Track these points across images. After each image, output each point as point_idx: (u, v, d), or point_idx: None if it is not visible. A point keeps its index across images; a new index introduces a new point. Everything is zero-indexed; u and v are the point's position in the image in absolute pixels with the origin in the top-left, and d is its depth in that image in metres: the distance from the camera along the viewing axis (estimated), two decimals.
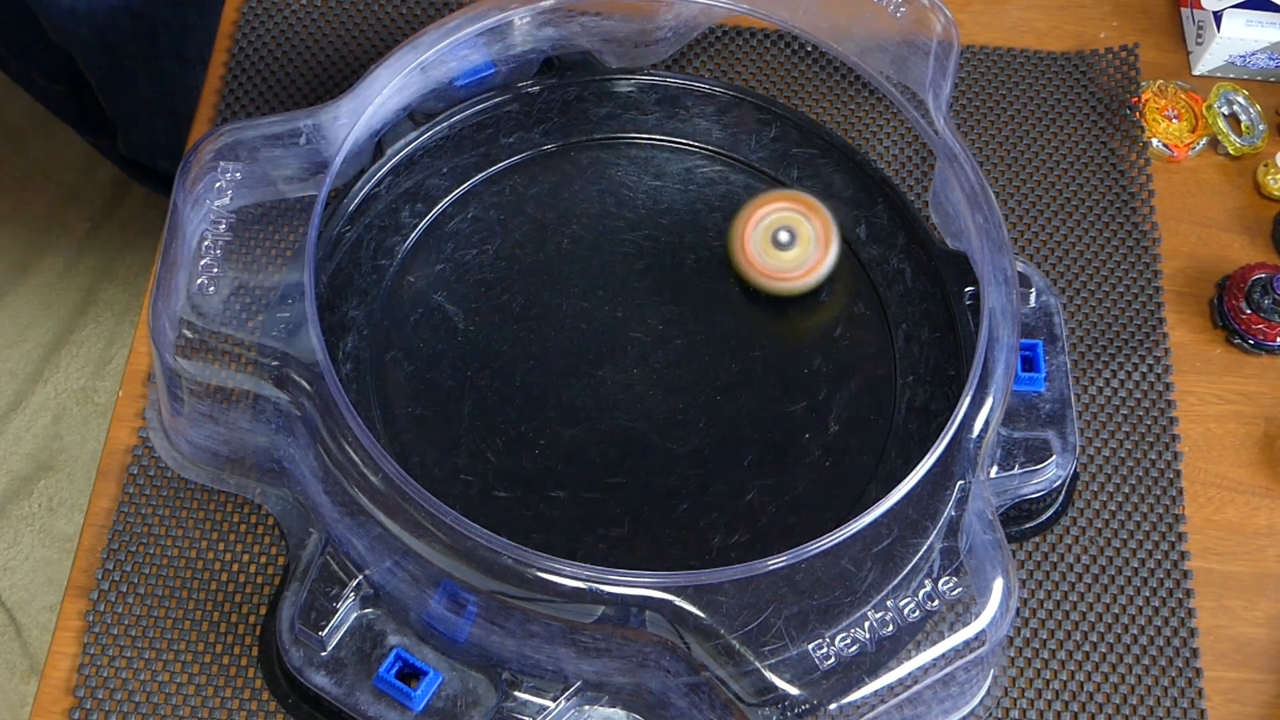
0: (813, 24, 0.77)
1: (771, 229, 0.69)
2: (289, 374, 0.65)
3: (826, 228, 0.70)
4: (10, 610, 1.30)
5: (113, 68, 1.26)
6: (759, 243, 0.69)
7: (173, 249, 0.65)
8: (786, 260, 0.69)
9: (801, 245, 0.69)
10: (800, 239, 0.69)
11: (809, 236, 0.69)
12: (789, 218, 0.69)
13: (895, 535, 0.63)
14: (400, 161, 0.75)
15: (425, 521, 0.60)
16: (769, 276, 0.70)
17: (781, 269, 0.69)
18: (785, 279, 0.70)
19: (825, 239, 0.70)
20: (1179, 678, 0.70)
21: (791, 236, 0.69)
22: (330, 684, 0.62)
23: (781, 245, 0.69)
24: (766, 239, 0.69)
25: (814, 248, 0.69)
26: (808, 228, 0.69)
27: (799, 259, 0.69)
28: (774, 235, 0.69)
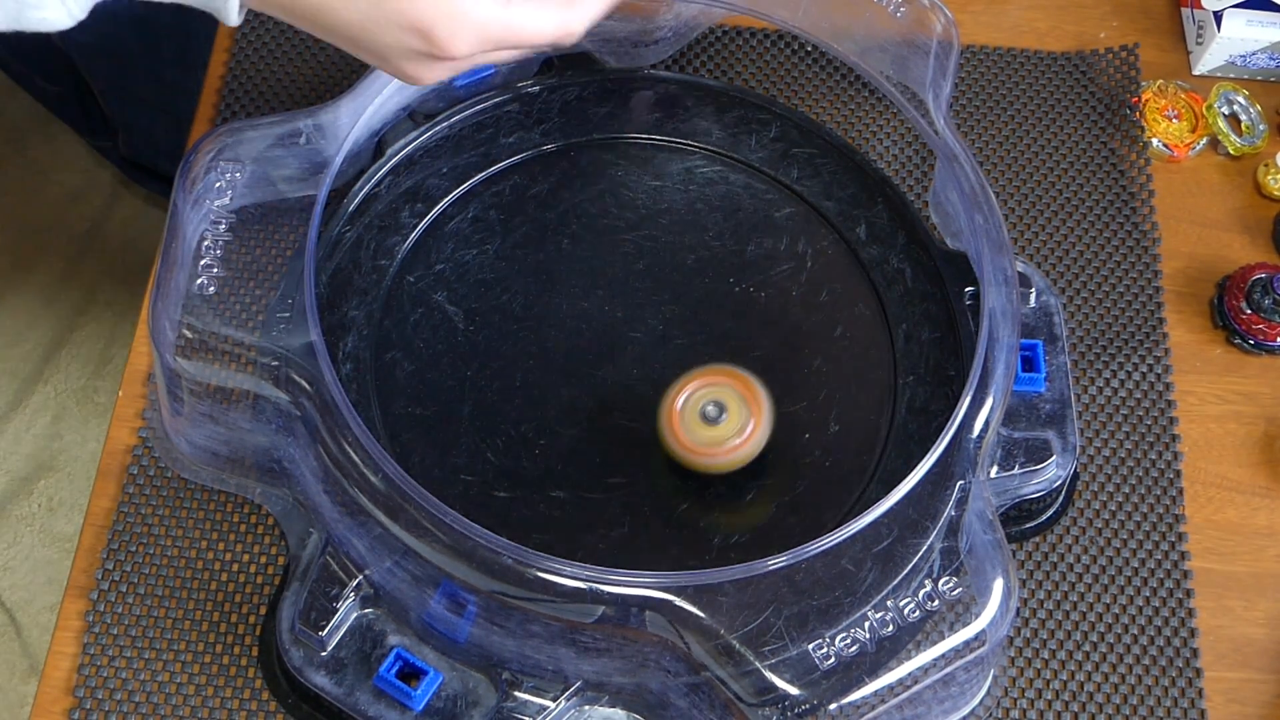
0: (813, 24, 0.77)
1: (699, 404, 0.65)
2: (289, 374, 0.65)
3: (757, 399, 0.66)
4: (10, 610, 1.30)
5: (114, 72, 1.26)
6: (688, 419, 0.64)
7: (173, 249, 0.65)
8: (715, 435, 0.64)
9: (732, 419, 0.64)
10: (730, 413, 0.64)
11: (739, 410, 0.65)
12: (718, 392, 0.65)
13: (895, 535, 0.63)
14: (400, 161, 0.75)
15: (425, 521, 0.60)
16: (696, 453, 0.65)
17: (709, 444, 0.65)
18: (714, 455, 0.65)
19: (758, 411, 0.65)
20: (1179, 678, 0.70)
21: (720, 410, 0.64)
22: (330, 684, 0.62)
23: (710, 420, 0.64)
24: (695, 414, 0.64)
25: (746, 420, 0.65)
26: (737, 401, 0.65)
27: (729, 433, 0.64)
28: (702, 410, 0.64)
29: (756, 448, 0.65)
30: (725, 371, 0.66)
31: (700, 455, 0.64)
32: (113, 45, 1.21)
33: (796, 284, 0.73)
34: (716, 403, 0.65)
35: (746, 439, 0.64)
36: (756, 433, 0.65)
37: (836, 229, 0.75)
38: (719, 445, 0.64)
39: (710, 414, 0.64)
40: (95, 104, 1.34)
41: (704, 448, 0.64)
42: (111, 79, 1.27)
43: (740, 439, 0.64)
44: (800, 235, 0.75)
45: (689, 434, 0.64)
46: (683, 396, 0.65)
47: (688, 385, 0.65)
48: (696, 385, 0.65)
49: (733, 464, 0.65)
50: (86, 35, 1.19)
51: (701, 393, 0.65)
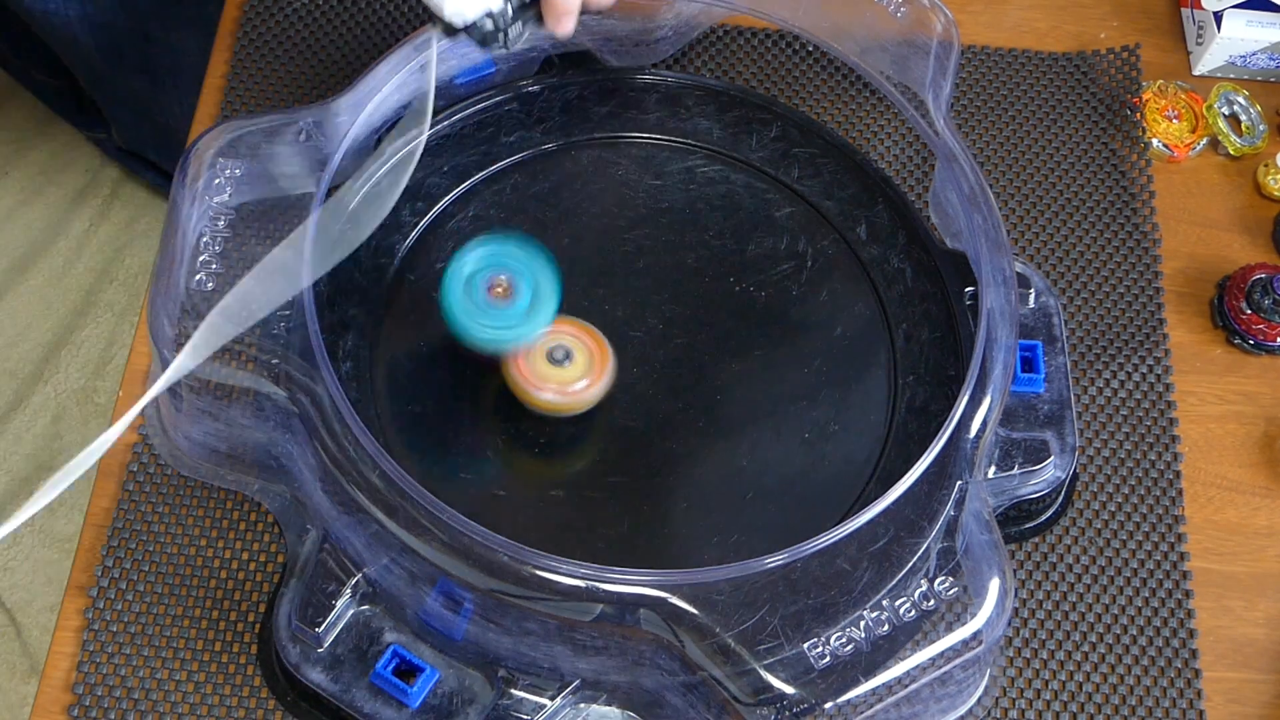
0: (813, 24, 0.77)
1: (546, 348, 0.66)
2: (288, 371, 0.65)
3: (601, 348, 0.67)
4: (10, 610, 1.30)
5: (88, 72, 1.26)
6: (535, 361, 0.66)
7: (172, 245, 0.65)
8: (563, 376, 0.66)
9: (578, 363, 0.66)
10: (576, 358, 0.66)
11: (585, 356, 0.66)
12: (564, 339, 0.67)
13: (892, 535, 0.63)
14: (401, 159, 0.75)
15: (423, 519, 0.60)
16: (545, 391, 0.66)
17: (559, 384, 0.66)
18: (563, 395, 0.66)
19: (601, 359, 0.67)
20: (1178, 678, 0.70)
21: (567, 354, 0.66)
22: (327, 681, 0.62)
23: (557, 362, 0.66)
24: (542, 357, 0.66)
25: (590, 367, 0.66)
26: (583, 348, 0.67)
27: (575, 376, 0.66)
28: (549, 354, 0.66)
29: (598, 394, 0.67)
30: (575, 324, 0.68)
31: (543, 392, 0.66)
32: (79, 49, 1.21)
33: (796, 284, 0.73)
34: (564, 347, 0.66)
35: (589, 385, 0.66)
36: (599, 381, 0.66)
37: (836, 229, 0.75)
38: (564, 386, 0.66)
39: (557, 356, 0.66)
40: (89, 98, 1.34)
41: (547, 384, 0.66)
42: (88, 78, 1.28)
43: (583, 384, 0.66)
44: (800, 235, 0.75)
45: (533, 370, 0.66)
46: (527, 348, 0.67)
47: None
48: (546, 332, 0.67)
49: (573, 407, 0.67)
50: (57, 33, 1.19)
51: (549, 341, 0.67)
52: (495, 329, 0.64)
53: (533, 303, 0.65)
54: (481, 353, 0.65)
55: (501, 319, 0.64)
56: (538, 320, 0.65)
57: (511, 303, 0.64)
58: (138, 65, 1.21)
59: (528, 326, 0.65)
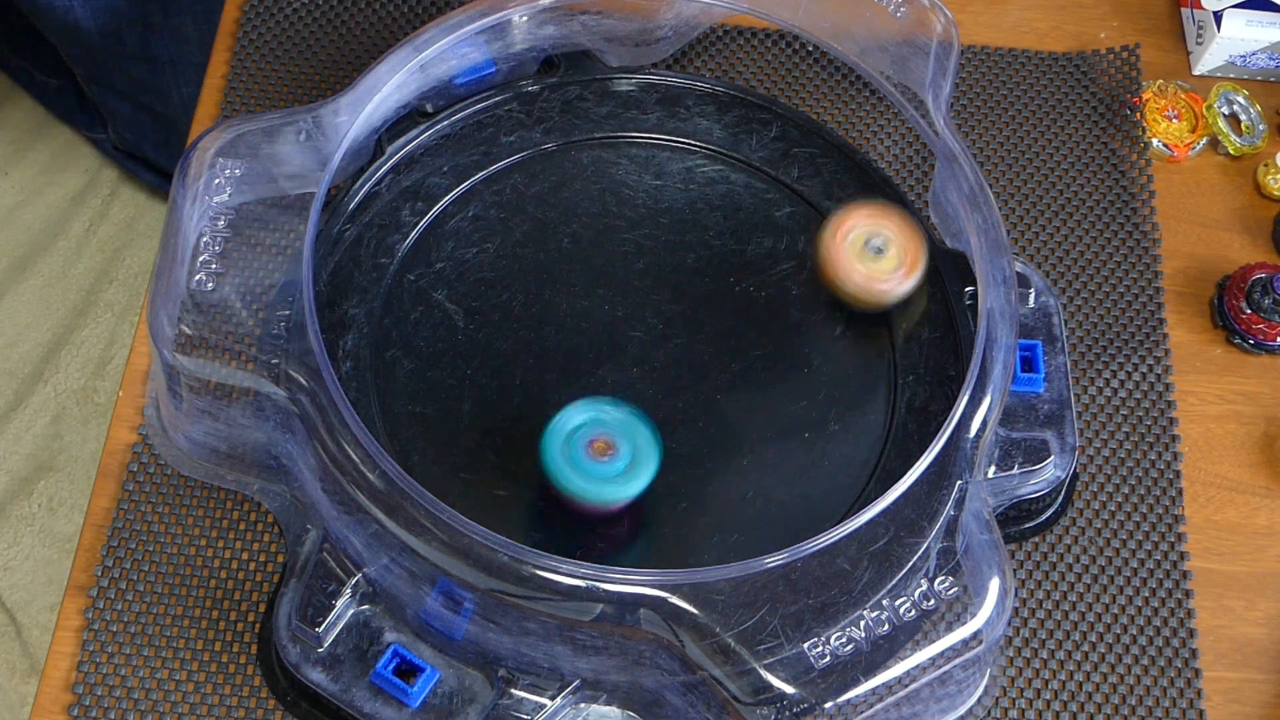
0: (813, 24, 0.77)
1: (862, 239, 0.68)
2: (288, 371, 0.65)
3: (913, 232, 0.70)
4: (10, 610, 1.30)
5: (88, 62, 1.26)
6: (852, 253, 0.68)
7: (172, 245, 0.65)
8: (882, 268, 0.68)
9: (894, 252, 0.69)
10: (892, 246, 0.68)
11: (899, 244, 0.69)
12: (876, 227, 0.69)
13: (892, 535, 0.63)
14: (401, 160, 0.75)
15: (423, 519, 0.60)
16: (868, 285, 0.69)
17: (877, 276, 0.69)
18: (883, 286, 0.69)
19: (915, 245, 0.69)
20: (1178, 678, 0.70)
21: (885, 244, 0.68)
22: (327, 680, 0.62)
23: (877, 253, 0.68)
24: (860, 248, 0.68)
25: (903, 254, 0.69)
26: (895, 235, 0.69)
27: (893, 265, 0.69)
28: (867, 244, 0.68)
29: (907, 291, 0.69)
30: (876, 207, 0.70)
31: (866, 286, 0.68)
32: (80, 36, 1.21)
33: (796, 284, 0.73)
34: (880, 236, 0.68)
35: (900, 281, 0.69)
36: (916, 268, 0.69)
37: None
38: (881, 278, 0.68)
39: (875, 245, 0.68)
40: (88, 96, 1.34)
41: (869, 280, 0.68)
42: (87, 69, 1.28)
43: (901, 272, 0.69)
44: (800, 235, 0.75)
45: (853, 266, 0.68)
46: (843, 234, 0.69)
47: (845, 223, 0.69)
48: (854, 222, 0.69)
49: (905, 294, 0.69)
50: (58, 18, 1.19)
51: (861, 229, 0.69)
52: (592, 484, 0.63)
53: (631, 464, 0.63)
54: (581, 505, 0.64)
55: (600, 475, 0.63)
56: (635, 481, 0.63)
57: (611, 461, 0.63)
58: (138, 53, 1.21)
59: (625, 486, 0.63)
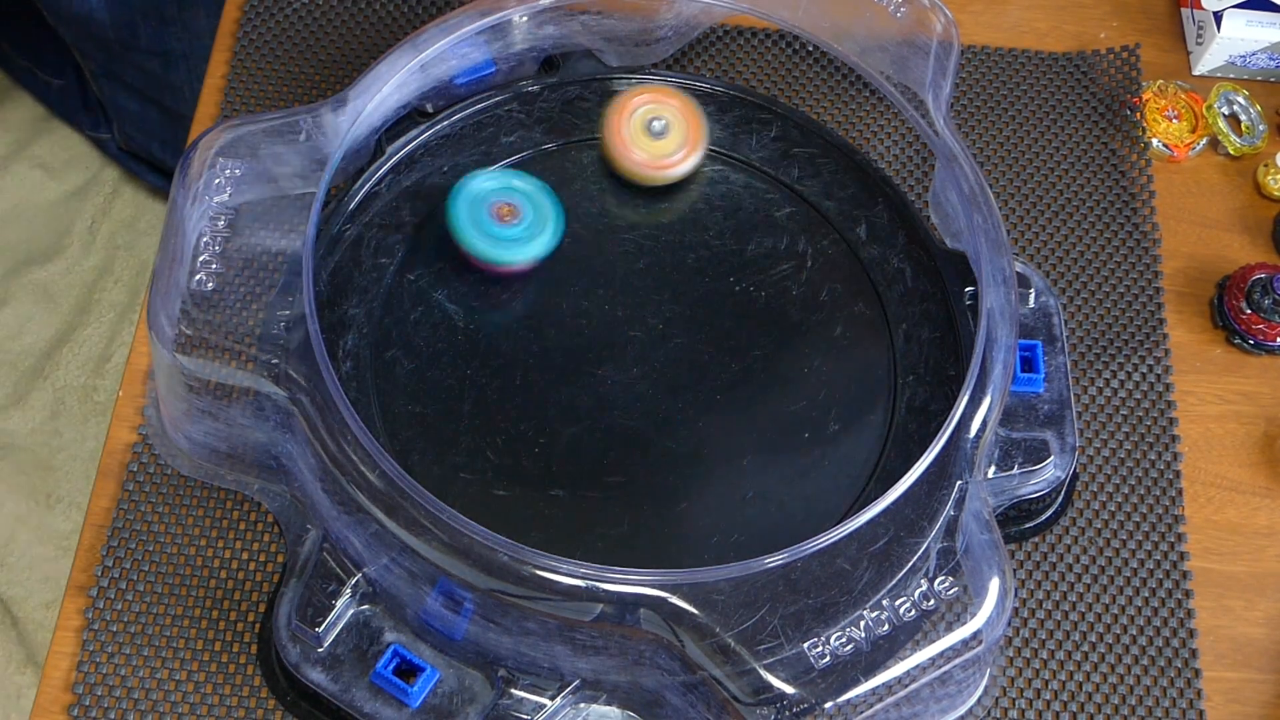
0: (813, 24, 0.77)
1: (645, 119, 0.72)
2: (288, 371, 0.65)
3: (695, 118, 0.73)
4: (6, 604, 1.30)
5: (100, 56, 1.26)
6: (633, 132, 0.71)
7: (172, 245, 0.65)
8: (660, 149, 0.72)
9: (674, 134, 0.72)
10: (673, 129, 0.71)
11: (681, 127, 0.72)
12: (661, 109, 0.72)
13: (892, 535, 0.63)
14: (401, 160, 0.75)
15: (423, 519, 0.60)
16: (644, 166, 0.72)
17: (655, 158, 0.72)
18: (659, 167, 0.72)
19: (695, 129, 0.72)
20: (1178, 678, 0.70)
21: (665, 126, 0.71)
22: (327, 680, 0.62)
23: (655, 134, 0.71)
24: (641, 129, 0.71)
25: (684, 138, 0.72)
26: (679, 118, 0.72)
27: (671, 148, 0.72)
28: (648, 125, 0.71)
29: (694, 164, 0.73)
30: (664, 90, 0.73)
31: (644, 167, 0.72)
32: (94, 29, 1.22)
33: (796, 284, 0.73)
34: (661, 118, 0.71)
35: (685, 155, 0.72)
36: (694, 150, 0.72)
37: (836, 229, 0.75)
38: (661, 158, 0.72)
39: (656, 129, 0.71)
40: (94, 95, 1.34)
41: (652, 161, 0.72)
42: (99, 63, 1.28)
43: (680, 154, 0.72)
44: (800, 235, 0.75)
45: (635, 146, 0.72)
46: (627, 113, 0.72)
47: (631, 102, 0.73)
48: (640, 101, 0.73)
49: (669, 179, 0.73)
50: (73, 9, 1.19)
51: (645, 109, 0.72)
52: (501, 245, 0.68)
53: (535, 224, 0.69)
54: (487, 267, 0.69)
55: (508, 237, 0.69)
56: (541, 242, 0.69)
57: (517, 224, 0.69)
58: (152, 47, 1.22)
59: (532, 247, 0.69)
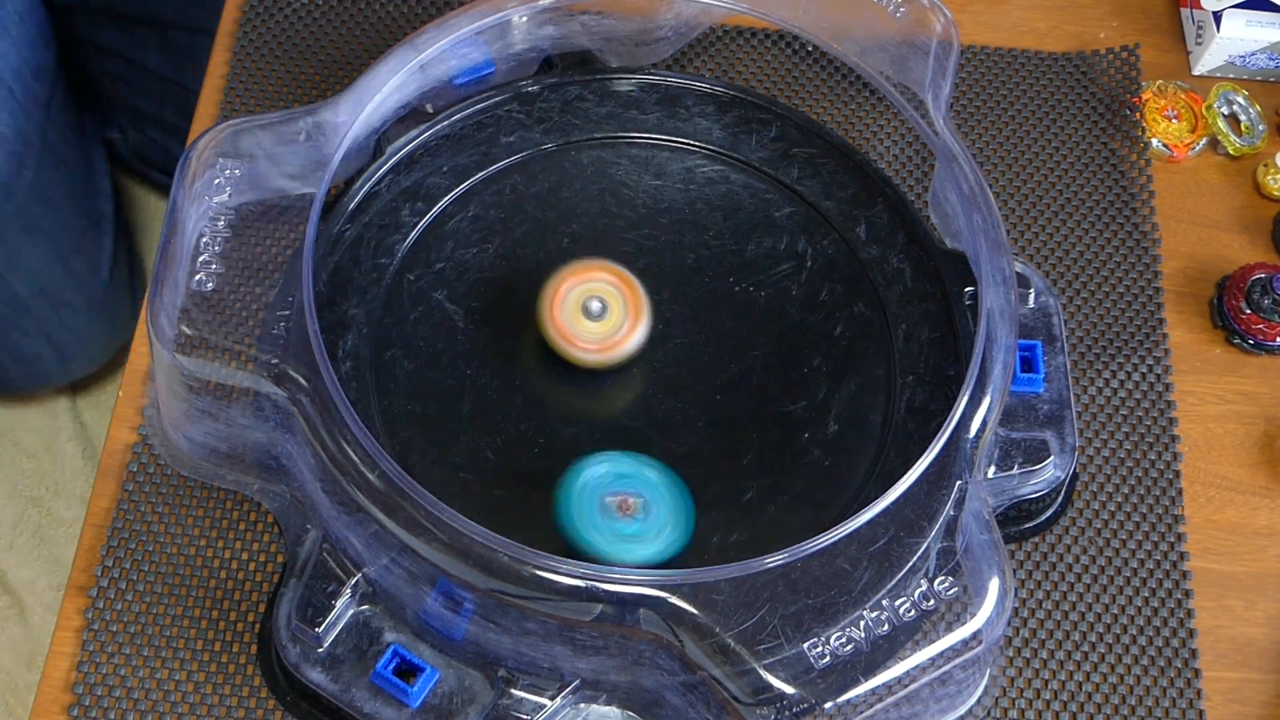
0: (813, 24, 0.77)
1: (582, 299, 0.67)
2: (288, 371, 0.65)
3: (637, 300, 0.68)
4: (14, 591, 1.30)
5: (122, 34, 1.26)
6: (569, 313, 0.67)
7: (172, 246, 0.65)
8: (597, 331, 0.67)
9: (612, 316, 0.67)
10: (611, 310, 0.67)
11: (620, 308, 0.67)
12: (601, 289, 0.68)
13: (892, 535, 0.63)
14: (400, 160, 0.75)
15: (423, 519, 0.60)
16: (578, 347, 0.67)
17: (591, 340, 0.67)
18: (594, 350, 0.67)
19: (636, 311, 0.68)
20: (1178, 678, 0.70)
21: (603, 307, 0.67)
22: (327, 680, 0.62)
23: (592, 315, 0.67)
24: (577, 309, 0.67)
25: (624, 319, 0.68)
26: (618, 299, 0.68)
27: (609, 330, 0.67)
28: (585, 305, 0.67)
29: (634, 347, 0.68)
30: (606, 268, 0.69)
31: (578, 349, 0.67)
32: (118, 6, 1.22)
33: (796, 284, 0.73)
34: (600, 299, 0.67)
35: (624, 338, 0.67)
36: (634, 333, 0.68)
37: (836, 229, 0.75)
38: (599, 341, 0.67)
39: (593, 310, 0.67)
40: (100, 94, 1.34)
41: (587, 342, 0.67)
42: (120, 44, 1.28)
43: (618, 336, 0.67)
44: (800, 235, 0.75)
45: (569, 325, 0.67)
46: (563, 292, 0.68)
47: (569, 279, 0.68)
48: (578, 280, 0.68)
49: (607, 362, 0.68)
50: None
51: (583, 289, 0.68)
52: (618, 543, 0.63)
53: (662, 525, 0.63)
54: None
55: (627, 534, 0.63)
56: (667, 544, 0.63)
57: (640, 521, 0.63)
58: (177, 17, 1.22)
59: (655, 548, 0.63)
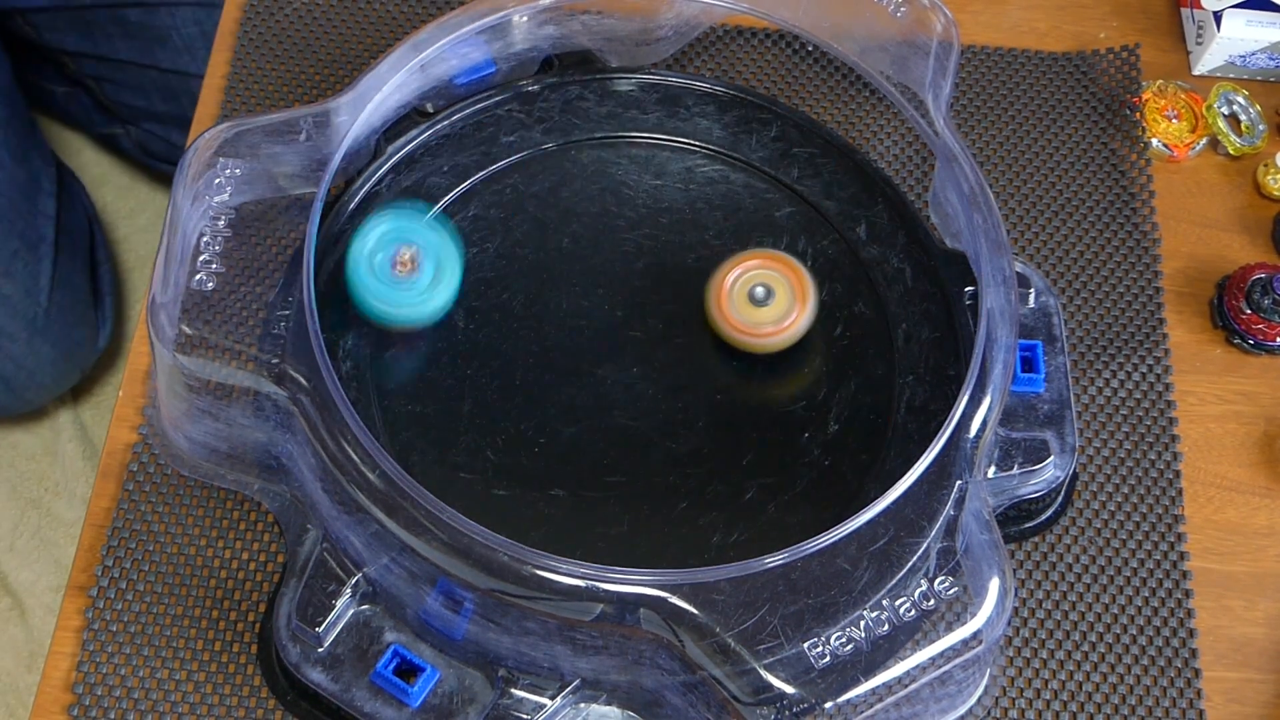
0: (813, 24, 0.77)
1: (748, 286, 0.69)
2: (288, 371, 0.65)
3: (803, 283, 0.70)
4: (15, 593, 1.30)
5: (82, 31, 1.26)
6: (736, 300, 0.68)
7: (172, 245, 0.65)
8: (763, 316, 0.69)
9: (779, 301, 0.69)
10: (778, 296, 0.68)
11: (786, 293, 0.69)
12: (765, 275, 0.69)
13: (892, 535, 0.63)
14: (401, 159, 0.75)
15: (423, 519, 0.60)
16: (745, 333, 0.69)
17: (758, 325, 0.69)
18: (762, 335, 0.69)
19: (802, 295, 0.69)
20: (1178, 678, 0.70)
21: (768, 293, 0.68)
22: (327, 680, 0.62)
23: (758, 301, 0.68)
24: (744, 296, 0.68)
25: (792, 303, 0.69)
26: (784, 284, 0.69)
27: (776, 315, 0.69)
28: (750, 292, 0.68)
29: (799, 332, 0.69)
30: (774, 256, 0.70)
31: (746, 335, 0.69)
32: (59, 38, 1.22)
33: None
34: (765, 285, 0.69)
35: (791, 323, 0.69)
36: (801, 318, 0.69)
37: (836, 229, 0.75)
38: (764, 326, 0.69)
39: (758, 295, 0.68)
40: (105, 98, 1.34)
41: (750, 327, 0.69)
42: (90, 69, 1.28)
43: (786, 322, 0.69)
44: (800, 235, 0.75)
45: (736, 314, 0.69)
46: (732, 276, 0.69)
47: (737, 266, 0.70)
48: (744, 268, 0.70)
49: (775, 346, 0.70)
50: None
51: (749, 275, 0.69)
52: (395, 305, 0.67)
53: (435, 278, 0.67)
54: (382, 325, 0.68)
55: (405, 294, 0.67)
56: (439, 297, 0.68)
57: (415, 278, 0.67)
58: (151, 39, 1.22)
59: (429, 304, 0.68)
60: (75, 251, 1.29)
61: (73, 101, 1.41)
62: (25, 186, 1.22)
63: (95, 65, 1.29)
